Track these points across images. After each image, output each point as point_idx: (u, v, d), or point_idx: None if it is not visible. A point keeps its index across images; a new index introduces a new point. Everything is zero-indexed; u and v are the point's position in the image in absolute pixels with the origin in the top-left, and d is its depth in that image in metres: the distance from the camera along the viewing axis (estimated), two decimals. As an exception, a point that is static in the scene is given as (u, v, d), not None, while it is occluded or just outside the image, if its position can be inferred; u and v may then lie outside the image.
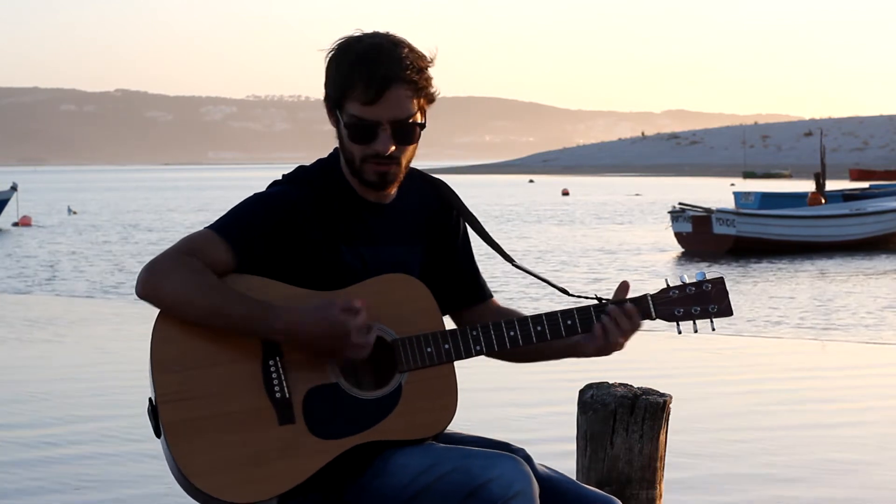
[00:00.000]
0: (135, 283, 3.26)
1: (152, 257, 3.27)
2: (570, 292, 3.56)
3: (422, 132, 3.35)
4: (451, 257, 3.52)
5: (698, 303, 3.44)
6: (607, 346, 3.37)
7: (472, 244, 3.59)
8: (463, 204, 3.53)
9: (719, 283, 3.47)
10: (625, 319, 3.37)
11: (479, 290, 3.54)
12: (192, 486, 3.17)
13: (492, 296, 3.59)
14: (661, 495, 4.36)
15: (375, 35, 3.31)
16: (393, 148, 3.29)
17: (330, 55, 3.32)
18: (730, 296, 3.47)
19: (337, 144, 3.42)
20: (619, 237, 36.86)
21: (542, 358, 3.50)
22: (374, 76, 3.24)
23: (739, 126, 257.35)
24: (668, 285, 3.46)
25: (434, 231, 3.49)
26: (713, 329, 3.49)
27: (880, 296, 20.09)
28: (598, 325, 3.37)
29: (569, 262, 27.87)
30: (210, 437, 3.18)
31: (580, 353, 3.43)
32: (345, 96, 3.28)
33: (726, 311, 3.45)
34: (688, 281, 3.46)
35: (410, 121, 3.30)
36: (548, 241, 35.31)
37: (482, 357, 3.45)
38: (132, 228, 43.33)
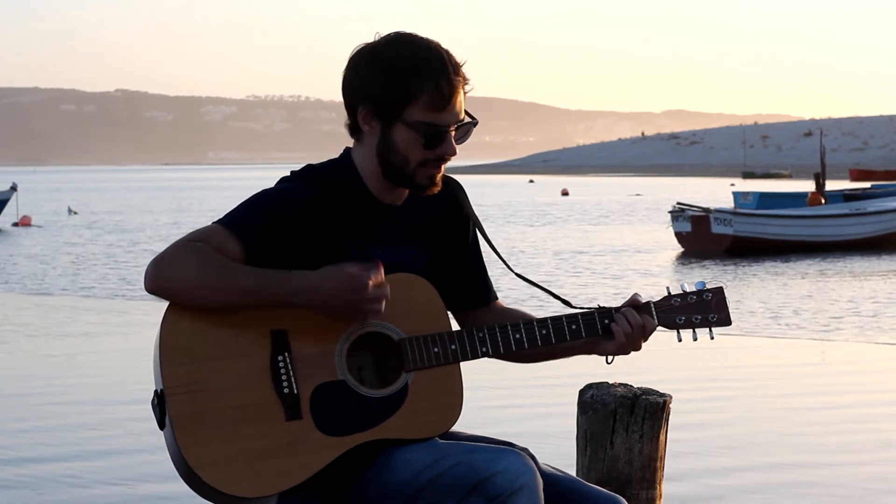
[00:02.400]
0: (143, 278, 3.26)
1: (158, 252, 3.28)
2: (573, 304, 3.58)
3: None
4: (459, 258, 3.54)
5: (699, 311, 3.53)
6: (627, 345, 3.45)
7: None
8: (471, 209, 3.56)
9: (719, 293, 3.55)
10: (638, 319, 3.44)
11: (485, 292, 3.57)
12: (198, 479, 3.18)
13: (497, 298, 3.62)
14: (661, 495, 4.37)
15: (418, 38, 3.36)
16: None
17: (377, 61, 3.33)
18: (729, 306, 3.55)
19: (352, 147, 3.44)
20: (621, 237, 36.87)
21: (554, 357, 3.55)
22: (447, 84, 3.31)
23: (739, 126, 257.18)
24: (669, 293, 3.54)
25: (444, 231, 3.52)
26: (712, 338, 3.56)
27: (879, 295, 20.10)
28: (618, 326, 3.43)
29: (570, 261, 27.87)
30: (217, 430, 3.20)
31: (598, 352, 3.49)
32: (409, 103, 3.31)
33: (725, 320, 3.54)
34: (688, 289, 3.54)
35: (465, 121, 3.39)
36: (547, 241, 35.31)
37: (491, 357, 3.48)
38: (90, 230, 43.13)
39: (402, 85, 3.30)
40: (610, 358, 3.49)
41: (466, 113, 3.41)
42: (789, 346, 14.80)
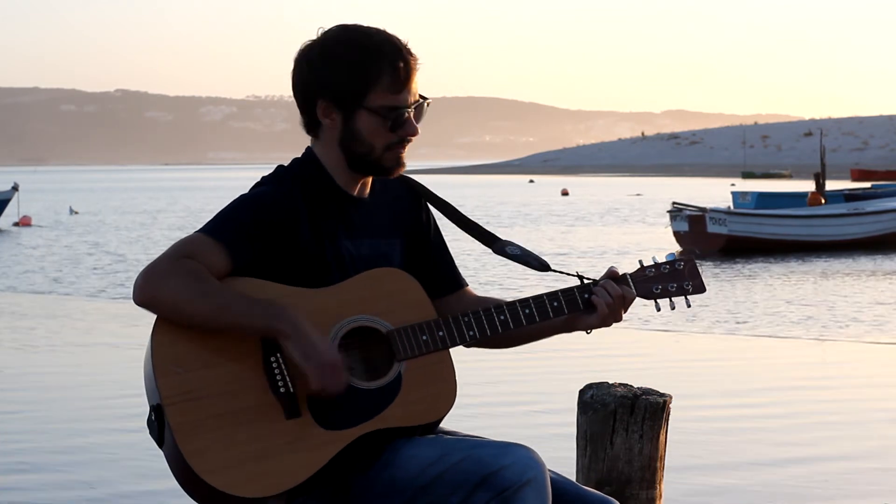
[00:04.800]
0: (132, 290, 3.25)
1: (147, 263, 3.28)
2: (551, 266, 3.60)
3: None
4: (425, 249, 3.57)
5: (673, 280, 3.57)
6: (609, 316, 3.47)
7: (447, 232, 3.66)
8: (432, 193, 3.59)
9: (690, 261, 3.60)
10: (618, 289, 3.47)
11: (454, 279, 3.60)
12: (205, 486, 3.18)
13: (467, 284, 3.65)
14: (660, 495, 4.37)
15: (363, 26, 3.39)
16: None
17: (331, 54, 3.35)
18: (702, 274, 3.60)
19: (312, 144, 3.45)
20: (620, 236, 36.88)
21: (537, 338, 3.56)
22: (404, 66, 3.34)
23: (739, 126, 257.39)
24: (642, 265, 3.57)
25: (409, 225, 3.55)
26: (688, 306, 3.59)
27: (873, 296, 20.10)
28: (599, 298, 3.46)
29: (569, 261, 27.89)
30: (219, 435, 3.21)
31: (580, 327, 3.51)
32: (368, 90, 3.33)
33: (699, 287, 3.58)
34: (659, 261, 3.58)
35: (420, 100, 3.42)
36: (549, 240, 35.33)
37: (483, 353, 3.49)
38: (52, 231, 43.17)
39: (361, 72, 3.33)
40: (590, 330, 3.51)
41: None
42: (789, 345, 14.80)
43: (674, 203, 32.44)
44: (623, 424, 4.30)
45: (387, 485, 3.26)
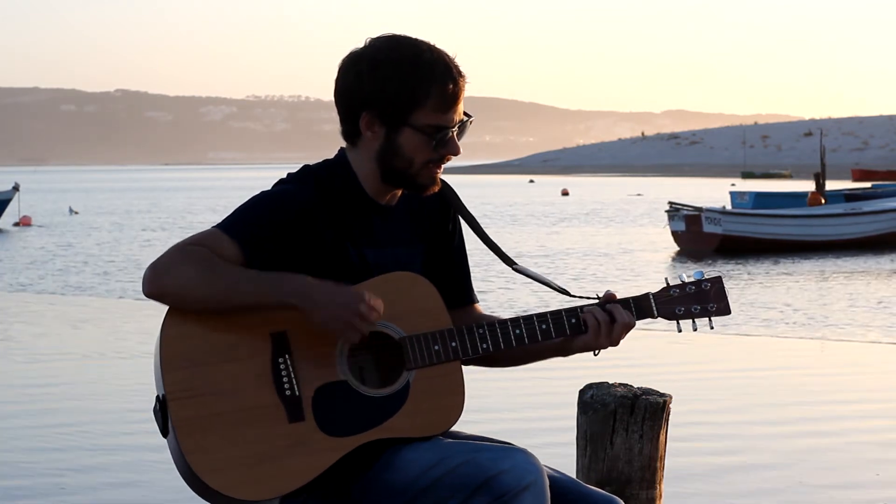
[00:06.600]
0: (140, 283, 3.26)
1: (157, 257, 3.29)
2: (571, 293, 3.58)
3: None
4: (446, 257, 3.55)
5: (698, 301, 3.51)
6: (592, 342, 3.42)
7: (468, 245, 3.63)
8: (463, 204, 3.57)
9: (717, 282, 3.54)
10: (604, 315, 3.41)
11: (465, 294, 3.57)
12: (203, 484, 3.19)
13: (477, 301, 3.62)
14: (661, 495, 4.38)
15: (414, 40, 3.36)
16: None
17: (380, 67, 3.32)
18: (728, 297, 3.54)
19: (346, 148, 3.43)
20: (620, 236, 36.89)
21: (531, 359, 3.53)
22: (453, 87, 3.33)
23: (739, 126, 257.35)
24: (668, 284, 3.52)
25: (435, 231, 3.53)
26: (712, 328, 3.54)
27: (873, 295, 20.11)
28: (588, 322, 3.41)
29: (570, 261, 27.89)
30: (220, 434, 3.21)
31: (568, 351, 3.48)
32: (416, 108, 3.32)
33: (725, 310, 3.52)
34: (687, 280, 3.52)
35: (463, 118, 3.40)
36: (549, 241, 35.33)
37: (470, 365, 3.46)
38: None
39: (411, 90, 3.31)
40: (596, 351, 3.47)
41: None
42: (790, 345, 14.81)
43: (671, 203, 32.51)
44: (623, 424, 4.30)
45: (386, 487, 3.25)
